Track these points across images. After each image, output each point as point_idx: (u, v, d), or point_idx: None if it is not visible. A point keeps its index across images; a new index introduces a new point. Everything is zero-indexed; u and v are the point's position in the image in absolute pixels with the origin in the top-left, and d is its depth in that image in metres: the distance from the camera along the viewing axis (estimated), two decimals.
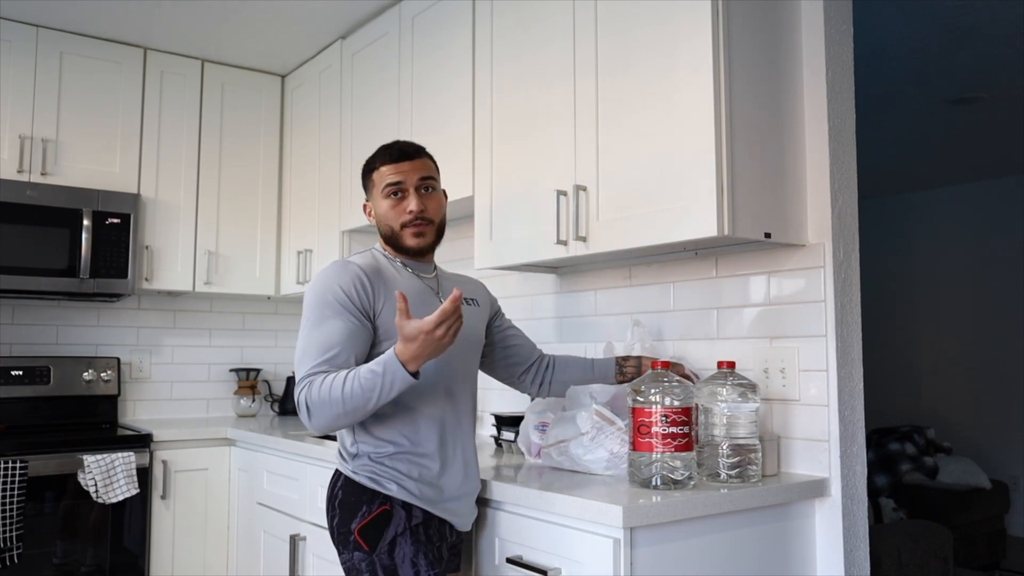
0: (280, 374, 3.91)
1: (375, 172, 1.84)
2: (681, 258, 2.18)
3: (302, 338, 1.69)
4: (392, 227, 1.82)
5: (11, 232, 3.00)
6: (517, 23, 2.32)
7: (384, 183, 1.81)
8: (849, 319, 1.89)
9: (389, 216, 1.81)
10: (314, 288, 1.72)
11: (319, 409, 1.60)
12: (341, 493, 1.73)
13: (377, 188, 1.83)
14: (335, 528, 1.73)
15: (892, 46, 3.40)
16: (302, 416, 1.64)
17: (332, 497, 1.75)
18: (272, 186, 3.69)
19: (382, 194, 1.82)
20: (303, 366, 1.66)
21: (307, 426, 1.66)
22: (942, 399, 6.06)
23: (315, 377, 1.63)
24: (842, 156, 1.94)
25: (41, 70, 3.17)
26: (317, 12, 3.08)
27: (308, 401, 1.61)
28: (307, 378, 1.64)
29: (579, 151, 2.07)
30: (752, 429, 1.78)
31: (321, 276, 1.73)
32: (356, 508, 1.69)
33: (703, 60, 1.77)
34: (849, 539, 1.83)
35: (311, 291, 1.72)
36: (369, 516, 1.68)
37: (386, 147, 1.86)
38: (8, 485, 2.61)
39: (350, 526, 1.69)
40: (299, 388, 1.64)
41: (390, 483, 1.69)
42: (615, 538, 1.52)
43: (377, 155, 1.85)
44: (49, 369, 3.28)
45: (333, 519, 1.74)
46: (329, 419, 1.61)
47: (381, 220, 1.84)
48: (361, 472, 1.71)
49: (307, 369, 1.64)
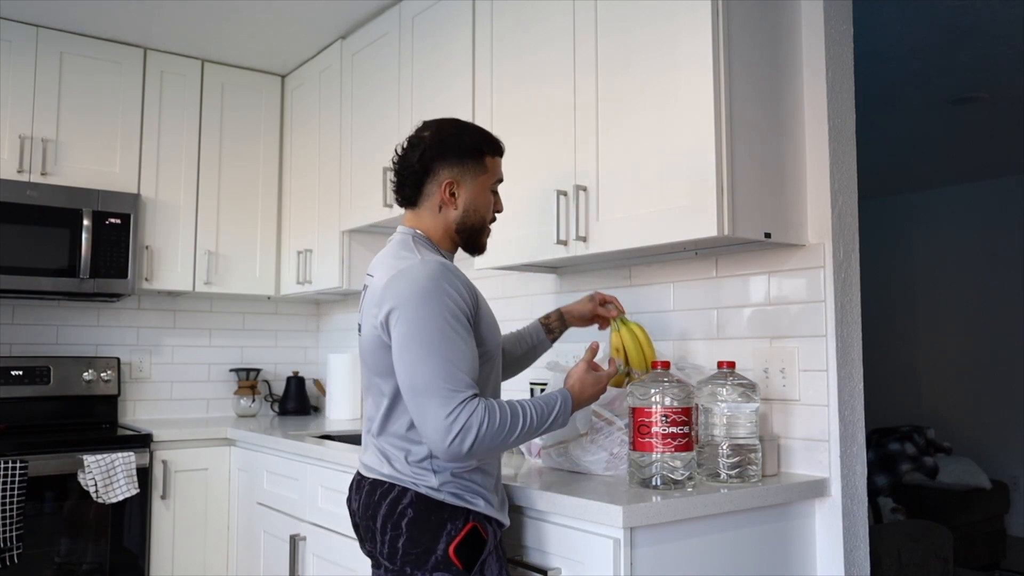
0: (280, 374, 3.91)
1: (489, 158, 1.67)
2: (681, 258, 2.18)
3: (433, 354, 1.46)
4: (485, 220, 1.69)
5: (11, 232, 3.00)
6: (517, 23, 2.32)
7: (499, 175, 1.70)
8: (849, 319, 1.89)
9: (487, 209, 1.69)
10: (426, 294, 1.49)
11: (491, 438, 1.45)
12: (412, 512, 1.54)
13: (488, 176, 1.67)
14: (401, 548, 1.54)
15: (892, 46, 3.40)
16: (459, 442, 1.43)
17: (395, 515, 1.56)
18: (272, 186, 3.69)
19: (492, 185, 1.69)
20: (456, 388, 1.45)
21: (455, 452, 1.44)
22: (942, 399, 6.06)
23: (487, 403, 1.47)
24: (842, 156, 1.94)
25: (41, 70, 3.17)
26: (317, 12, 3.08)
27: (481, 428, 1.43)
28: (472, 401, 1.45)
29: (579, 151, 2.07)
30: (752, 429, 1.78)
31: (429, 280, 1.50)
32: (439, 527, 1.53)
33: (703, 60, 1.77)
34: (849, 539, 1.83)
35: (422, 297, 1.49)
36: (459, 535, 1.53)
37: (493, 137, 1.71)
38: (8, 485, 2.61)
39: (432, 546, 1.53)
40: (464, 412, 1.43)
41: (477, 499, 1.57)
42: (615, 538, 1.52)
43: (492, 141, 1.69)
44: (49, 369, 3.28)
45: (396, 540, 1.55)
46: (492, 448, 1.47)
47: (478, 209, 1.67)
48: (445, 489, 1.55)
49: (465, 394, 1.45)
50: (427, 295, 1.48)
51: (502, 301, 2.81)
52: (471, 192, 1.66)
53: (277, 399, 3.80)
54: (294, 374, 3.76)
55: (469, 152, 1.65)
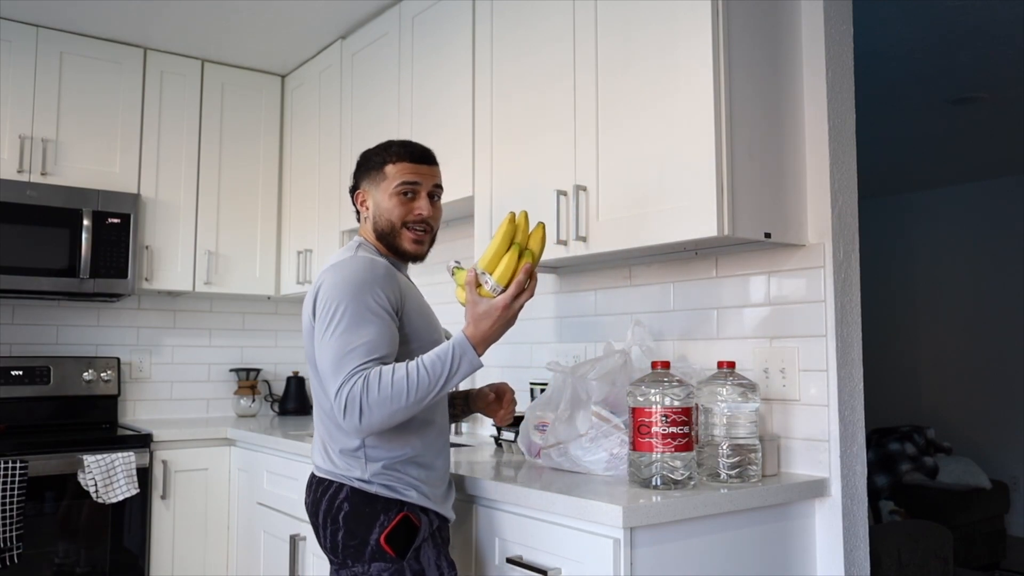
0: (280, 374, 3.91)
1: (389, 165, 1.76)
2: (681, 258, 2.18)
3: (338, 337, 1.56)
4: (393, 223, 1.75)
5: (11, 232, 3.00)
6: (517, 23, 2.32)
7: (400, 179, 1.75)
8: (849, 319, 1.89)
9: (394, 212, 1.74)
10: (347, 284, 1.60)
11: (378, 405, 1.50)
12: (348, 506, 1.63)
13: (389, 181, 1.75)
14: (340, 542, 1.64)
15: (892, 46, 3.40)
16: (350, 416, 1.51)
17: (332, 510, 1.65)
18: (272, 186, 3.69)
19: (393, 189, 1.74)
20: (346, 365, 1.53)
21: (352, 427, 1.52)
22: (942, 399, 6.06)
23: (366, 372, 1.52)
24: (842, 156, 1.94)
25: (41, 70, 3.17)
26: (317, 12, 3.08)
27: (363, 397, 1.50)
28: (356, 374, 1.52)
29: (579, 151, 2.07)
30: (752, 429, 1.79)
31: (352, 272, 1.62)
32: (371, 519, 1.62)
33: (703, 60, 1.77)
34: (849, 539, 1.83)
35: (343, 287, 1.60)
36: (391, 524, 1.61)
37: (404, 143, 1.80)
38: (8, 485, 2.61)
39: (367, 537, 1.61)
40: (346, 385, 1.52)
41: (409, 490, 1.64)
42: (615, 538, 1.52)
43: (393, 149, 1.78)
44: (49, 369, 3.28)
45: (336, 533, 1.64)
46: (386, 415, 1.51)
47: (383, 215, 1.75)
48: (376, 481, 1.63)
49: (352, 368, 1.53)
50: (346, 285, 1.60)
51: None
52: (375, 199, 1.79)
53: (277, 399, 3.80)
54: (294, 374, 3.76)
55: (373, 164, 1.80)
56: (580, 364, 2.05)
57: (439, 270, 2.80)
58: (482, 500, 1.84)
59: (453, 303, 3.07)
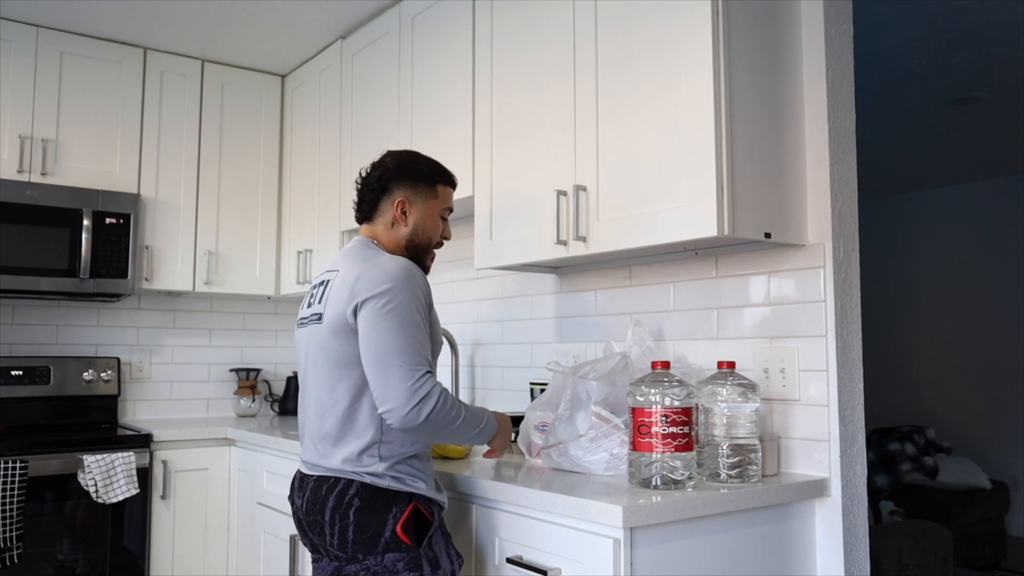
0: (280, 374, 3.91)
1: (441, 187, 1.90)
2: (681, 258, 2.18)
3: (406, 327, 1.63)
4: (432, 241, 1.89)
5: (11, 232, 3.00)
6: (517, 23, 2.32)
7: (448, 204, 1.92)
8: (849, 319, 1.89)
9: (435, 232, 1.89)
10: (406, 283, 1.67)
11: (443, 416, 1.64)
12: (359, 501, 1.66)
13: (439, 202, 1.89)
14: (351, 537, 1.66)
15: (892, 46, 3.40)
16: (419, 408, 1.60)
17: (342, 507, 1.67)
18: (272, 186, 3.69)
19: (442, 211, 1.90)
20: (422, 359, 1.64)
21: (409, 418, 1.60)
22: (942, 399, 6.06)
23: (440, 384, 1.66)
24: (842, 156, 1.94)
25: (41, 70, 3.17)
26: (317, 12, 3.08)
27: (440, 402, 1.63)
28: (431, 377, 1.65)
29: (579, 151, 2.07)
30: (752, 429, 1.79)
31: (408, 274, 1.70)
32: (384, 512, 1.66)
33: (703, 60, 1.77)
34: (849, 539, 1.83)
35: (403, 284, 1.67)
36: (404, 515, 1.66)
37: (449, 171, 1.94)
38: (8, 485, 2.61)
39: (380, 530, 1.64)
40: (428, 382, 1.62)
41: (418, 482, 1.71)
42: (615, 538, 1.52)
43: (444, 172, 1.92)
44: (49, 369, 3.28)
45: (345, 530, 1.66)
46: (438, 426, 1.64)
47: (425, 231, 1.87)
48: (387, 475, 1.68)
49: (426, 367, 1.65)
50: (403, 283, 1.66)
51: (502, 301, 2.81)
52: (421, 213, 1.85)
53: (277, 399, 3.80)
54: (294, 374, 3.76)
55: (423, 178, 1.86)
56: (580, 364, 2.05)
57: (443, 269, 2.78)
58: (482, 500, 1.84)
59: (458, 303, 3.07)
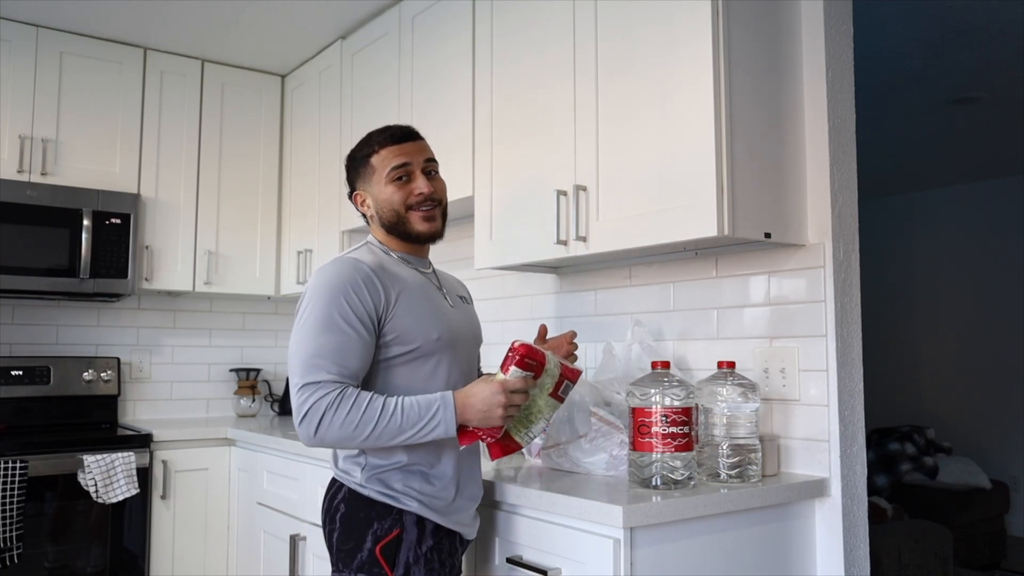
0: (280, 374, 3.91)
1: (374, 156, 1.71)
2: (681, 258, 2.18)
3: (309, 337, 1.54)
4: (398, 212, 1.69)
5: (11, 232, 3.00)
6: (517, 23, 2.32)
7: (389, 166, 1.69)
8: (849, 319, 1.89)
9: (394, 200, 1.69)
10: (325, 287, 1.57)
11: (339, 426, 1.48)
12: (344, 507, 1.61)
13: (379, 173, 1.70)
14: (335, 544, 1.62)
15: (892, 46, 3.40)
16: (307, 423, 1.49)
17: (331, 510, 1.64)
18: (272, 186, 3.69)
19: (387, 178, 1.69)
20: (316, 370, 1.51)
21: (304, 434, 1.50)
22: (942, 399, 6.05)
23: (343, 388, 1.51)
24: (842, 156, 1.94)
25: (41, 70, 3.17)
26: (317, 12, 3.08)
27: (328, 411, 1.48)
28: (331, 387, 1.50)
29: (579, 151, 2.07)
30: (752, 429, 1.79)
31: (333, 275, 1.58)
32: (365, 524, 1.59)
33: (703, 60, 1.77)
34: (849, 539, 1.83)
35: (321, 289, 1.57)
36: (387, 536, 1.57)
37: (382, 130, 1.74)
38: (8, 485, 2.61)
39: (361, 543, 1.58)
40: (316, 393, 1.49)
41: (410, 501, 1.60)
42: (615, 538, 1.52)
43: (374, 139, 1.73)
44: (49, 369, 3.28)
45: (332, 534, 1.63)
46: (340, 438, 1.50)
47: (384, 206, 1.70)
48: (370, 486, 1.60)
49: (323, 376, 1.51)
50: (323, 289, 1.57)
51: (502, 301, 2.81)
52: (372, 195, 1.73)
53: (277, 399, 3.80)
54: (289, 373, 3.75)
55: (358, 162, 1.75)
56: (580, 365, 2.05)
57: None
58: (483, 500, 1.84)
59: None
